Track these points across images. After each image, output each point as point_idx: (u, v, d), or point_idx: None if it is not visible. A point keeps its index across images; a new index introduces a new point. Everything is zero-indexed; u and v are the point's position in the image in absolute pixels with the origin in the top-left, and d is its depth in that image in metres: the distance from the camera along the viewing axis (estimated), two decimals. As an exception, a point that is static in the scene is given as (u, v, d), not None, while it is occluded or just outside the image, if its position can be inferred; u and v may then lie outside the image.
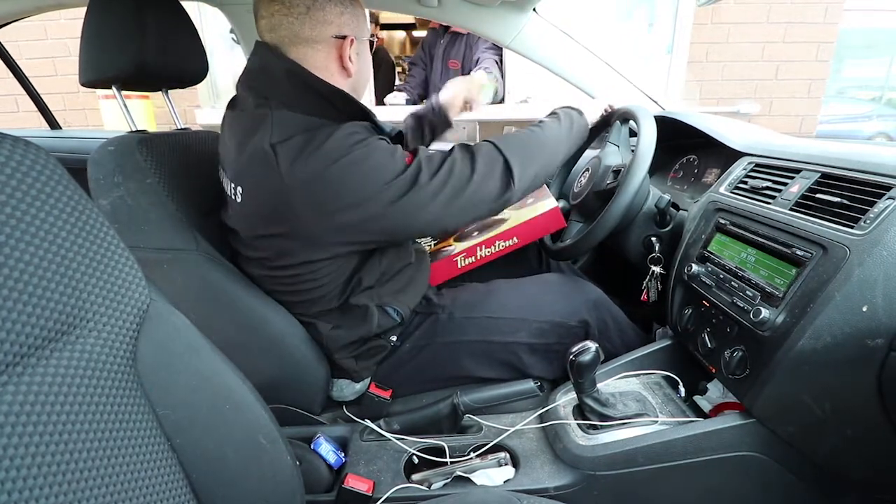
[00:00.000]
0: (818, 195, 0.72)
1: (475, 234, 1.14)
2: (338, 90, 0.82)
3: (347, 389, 0.96)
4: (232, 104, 0.88)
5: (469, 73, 2.70)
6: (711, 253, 0.87)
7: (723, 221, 0.86)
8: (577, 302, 0.99)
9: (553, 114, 1.02)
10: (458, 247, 1.13)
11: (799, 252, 0.68)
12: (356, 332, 0.91)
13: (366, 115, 0.85)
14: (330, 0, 0.80)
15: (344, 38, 0.83)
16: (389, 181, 0.77)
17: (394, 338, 0.94)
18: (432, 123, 1.20)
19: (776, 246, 0.73)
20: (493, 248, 1.10)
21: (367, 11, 0.90)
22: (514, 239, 1.09)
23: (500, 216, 1.11)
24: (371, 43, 0.91)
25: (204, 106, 3.45)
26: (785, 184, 0.80)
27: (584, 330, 0.97)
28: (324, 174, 0.75)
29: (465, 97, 1.20)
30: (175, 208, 0.85)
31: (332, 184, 0.75)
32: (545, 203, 1.07)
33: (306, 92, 0.80)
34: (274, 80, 0.81)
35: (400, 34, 6.11)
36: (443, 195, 0.80)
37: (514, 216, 1.10)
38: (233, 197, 0.82)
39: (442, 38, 2.86)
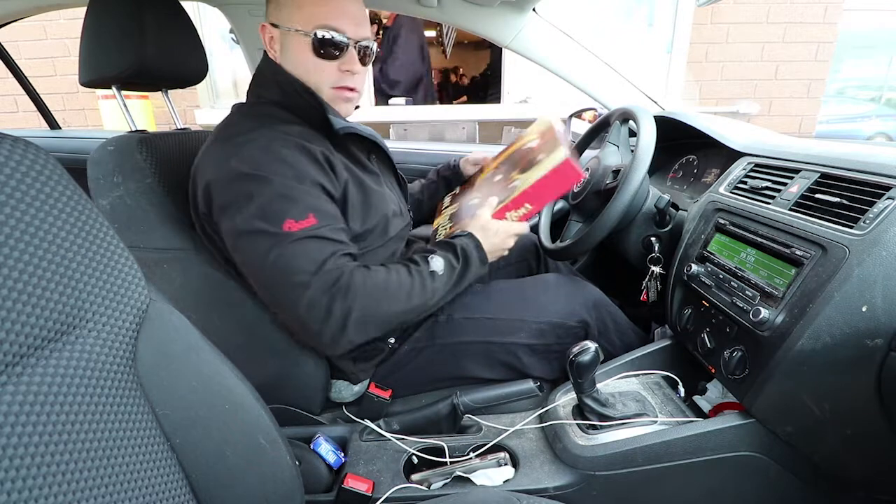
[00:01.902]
0: (818, 195, 0.72)
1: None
2: (278, 68, 0.86)
3: (346, 391, 0.96)
4: None
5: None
6: (711, 253, 0.87)
7: (722, 221, 0.86)
8: (576, 302, 0.99)
9: (452, 250, 0.88)
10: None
11: (798, 252, 0.68)
12: None
13: (317, 114, 0.84)
14: None
15: (268, 25, 0.85)
16: (260, 217, 0.75)
17: (392, 339, 0.94)
18: (447, 178, 1.24)
19: (775, 246, 0.73)
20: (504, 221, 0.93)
21: (305, 2, 0.82)
22: (527, 206, 0.92)
23: (510, 182, 0.96)
24: (319, 43, 0.82)
25: (203, 106, 3.46)
26: (784, 184, 0.80)
27: (583, 330, 0.97)
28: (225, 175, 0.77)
29: (478, 159, 1.22)
30: (175, 208, 0.85)
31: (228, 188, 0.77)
32: (554, 156, 0.89)
33: (267, 73, 0.87)
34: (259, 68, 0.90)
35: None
36: (274, 276, 0.76)
37: (522, 178, 0.93)
38: None
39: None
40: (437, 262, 0.85)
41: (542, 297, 0.99)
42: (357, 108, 0.95)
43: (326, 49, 0.82)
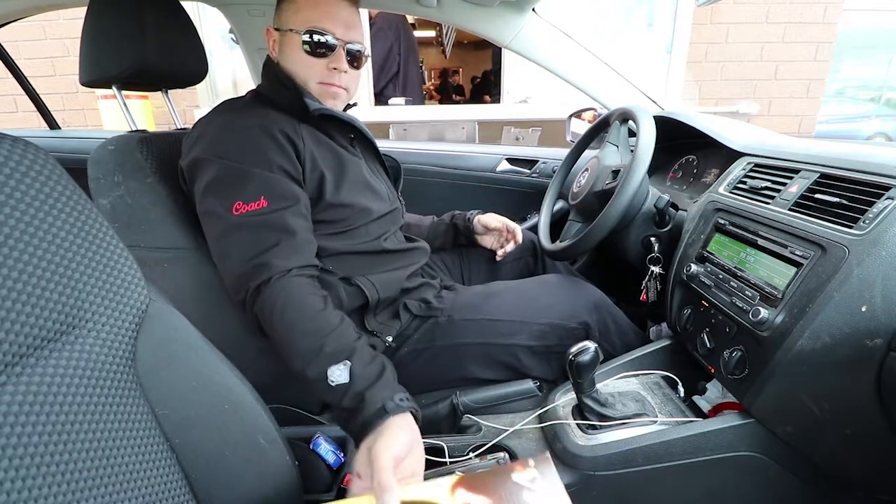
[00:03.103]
0: (817, 195, 0.72)
1: None
2: (272, 63, 0.92)
3: None
4: None
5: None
6: (710, 253, 0.87)
7: (722, 221, 0.86)
8: (577, 303, 0.99)
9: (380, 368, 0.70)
10: None
11: (798, 252, 0.68)
12: None
13: (295, 99, 0.88)
14: None
15: (271, 28, 0.92)
16: (213, 198, 0.79)
17: (389, 337, 0.94)
18: (457, 228, 1.24)
19: (775, 246, 0.73)
20: None
21: (305, 4, 0.88)
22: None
23: None
24: (309, 42, 0.87)
25: (203, 106, 3.46)
26: (784, 184, 0.80)
27: (584, 332, 0.97)
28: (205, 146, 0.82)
29: (500, 234, 1.22)
30: (175, 207, 0.85)
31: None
32: None
33: (265, 69, 0.93)
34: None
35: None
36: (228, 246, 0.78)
37: None
38: None
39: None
40: (342, 371, 0.68)
41: (543, 299, 0.99)
42: (353, 104, 1.02)
43: (315, 48, 0.88)
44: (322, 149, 0.89)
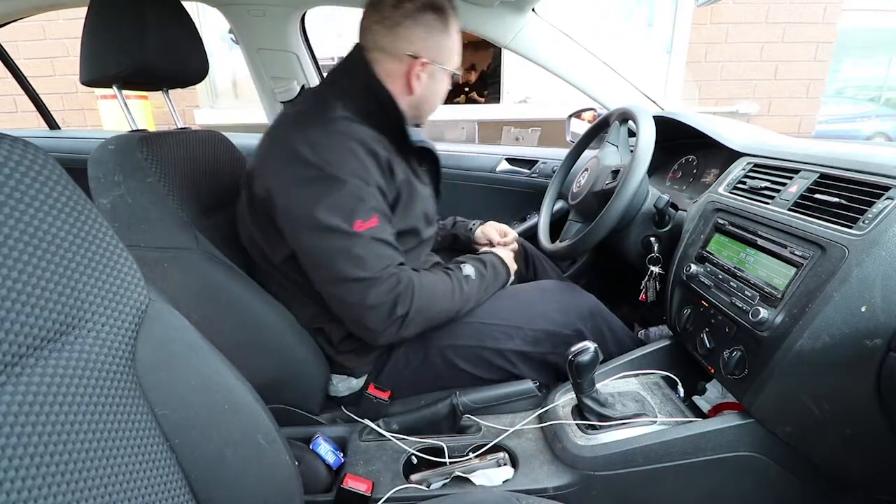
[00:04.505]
0: (817, 195, 0.72)
1: None
2: (385, 92, 0.88)
3: (342, 385, 0.96)
4: None
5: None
6: (710, 253, 0.87)
7: (721, 221, 0.86)
8: (571, 311, 0.98)
9: (481, 262, 1.01)
10: None
11: (797, 252, 0.68)
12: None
13: (398, 128, 0.90)
14: (419, 23, 0.87)
15: (417, 58, 0.88)
16: (334, 213, 0.79)
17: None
18: (457, 236, 1.27)
19: (775, 246, 0.73)
20: None
21: (458, 46, 0.95)
22: None
23: None
24: (453, 75, 0.95)
25: (203, 106, 3.46)
26: (784, 184, 0.80)
27: (578, 340, 0.96)
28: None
29: (494, 238, 1.22)
30: (175, 207, 0.85)
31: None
32: None
33: (361, 87, 0.89)
34: (343, 71, 0.92)
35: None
36: (338, 271, 0.81)
37: None
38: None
39: None
40: (469, 269, 0.97)
41: (538, 305, 0.99)
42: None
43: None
44: (405, 176, 0.91)
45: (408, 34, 0.87)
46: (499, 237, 1.20)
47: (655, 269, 1.00)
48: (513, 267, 1.07)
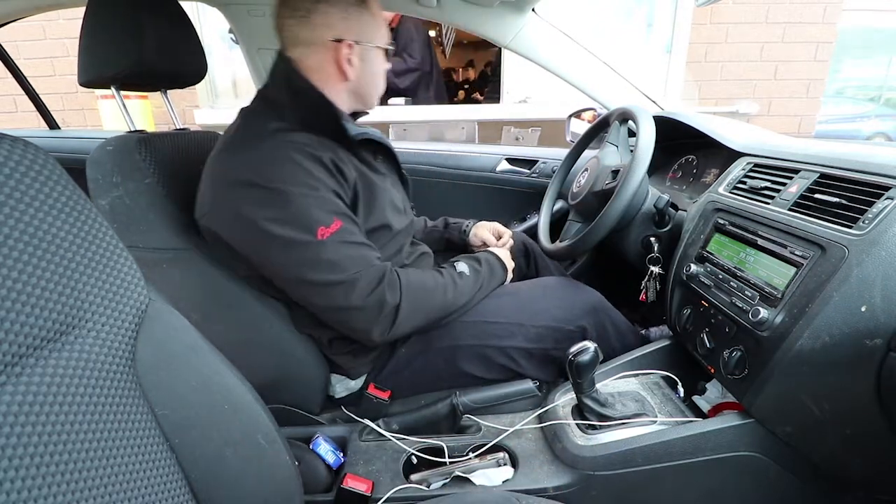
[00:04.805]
0: (817, 195, 0.72)
1: None
2: (314, 90, 0.85)
3: (340, 386, 0.96)
4: None
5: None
6: (710, 253, 0.87)
7: (721, 221, 0.86)
8: (575, 307, 0.98)
9: (475, 259, 1.01)
10: None
11: (797, 252, 0.68)
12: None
13: (335, 126, 0.86)
14: (332, 5, 0.82)
15: (341, 41, 0.84)
16: (294, 228, 0.77)
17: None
18: (451, 240, 1.25)
19: (775, 246, 0.73)
20: None
21: (381, 20, 0.90)
22: None
23: None
24: (386, 51, 0.92)
25: (202, 106, 3.45)
26: (784, 184, 0.80)
27: (581, 335, 0.96)
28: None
29: (488, 239, 1.21)
30: (174, 208, 0.85)
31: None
32: None
33: (290, 94, 0.85)
34: (270, 82, 0.88)
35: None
36: (324, 276, 0.79)
37: None
38: None
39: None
40: (462, 266, 0.97)
41: (541, 302, 0.99)
42: (365, 113, 1.01)
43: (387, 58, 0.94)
44: (358, 173, 0.87)
45: (324, 19, 0.83)
46: (493, 238, 1.19)
47: (655, 269, 1.00)
48: (510, 264, 1.07)
